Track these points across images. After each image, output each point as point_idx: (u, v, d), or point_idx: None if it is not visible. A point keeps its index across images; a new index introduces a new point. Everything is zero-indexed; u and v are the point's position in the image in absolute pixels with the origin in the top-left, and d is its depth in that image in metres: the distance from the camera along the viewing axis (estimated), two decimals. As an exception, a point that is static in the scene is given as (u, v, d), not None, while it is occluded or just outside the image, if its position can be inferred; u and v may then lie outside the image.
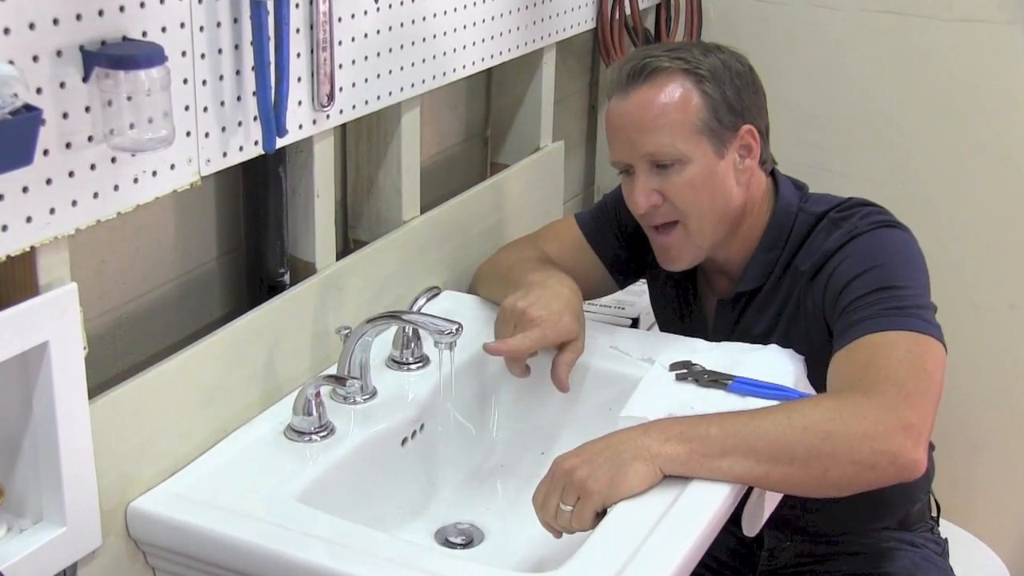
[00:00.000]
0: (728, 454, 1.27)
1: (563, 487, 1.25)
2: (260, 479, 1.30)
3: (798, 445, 1.27)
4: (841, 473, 1.27)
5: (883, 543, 1.65)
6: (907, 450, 1.27)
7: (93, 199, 1.12)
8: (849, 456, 1.26)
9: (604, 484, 1.24)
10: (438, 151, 1.89)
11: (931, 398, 1.34)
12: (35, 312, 1.09)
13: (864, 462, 1.26)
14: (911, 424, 1.28)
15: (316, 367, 1.51)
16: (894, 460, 1.27)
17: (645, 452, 1.26)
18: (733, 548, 1.70)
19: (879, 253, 1.48)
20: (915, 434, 1.28)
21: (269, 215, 1.47)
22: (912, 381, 1.34)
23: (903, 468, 1.27)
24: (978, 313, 2.25)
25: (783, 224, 1.55)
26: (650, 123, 1.48)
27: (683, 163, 1.48)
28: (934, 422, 1.33)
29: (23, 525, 1.17)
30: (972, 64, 2.13)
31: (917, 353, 1.38)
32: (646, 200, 1.51)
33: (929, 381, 1.35)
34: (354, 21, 1.45)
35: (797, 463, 1.26)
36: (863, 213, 1.52)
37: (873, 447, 1.26)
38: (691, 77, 1.48)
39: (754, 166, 1.54)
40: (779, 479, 1.28)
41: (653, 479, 1.26)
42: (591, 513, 1.24)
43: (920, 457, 1.28)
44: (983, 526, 2.07)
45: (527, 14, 1.82)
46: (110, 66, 1.07)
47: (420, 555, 1.21)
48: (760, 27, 2.25)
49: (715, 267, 1.62)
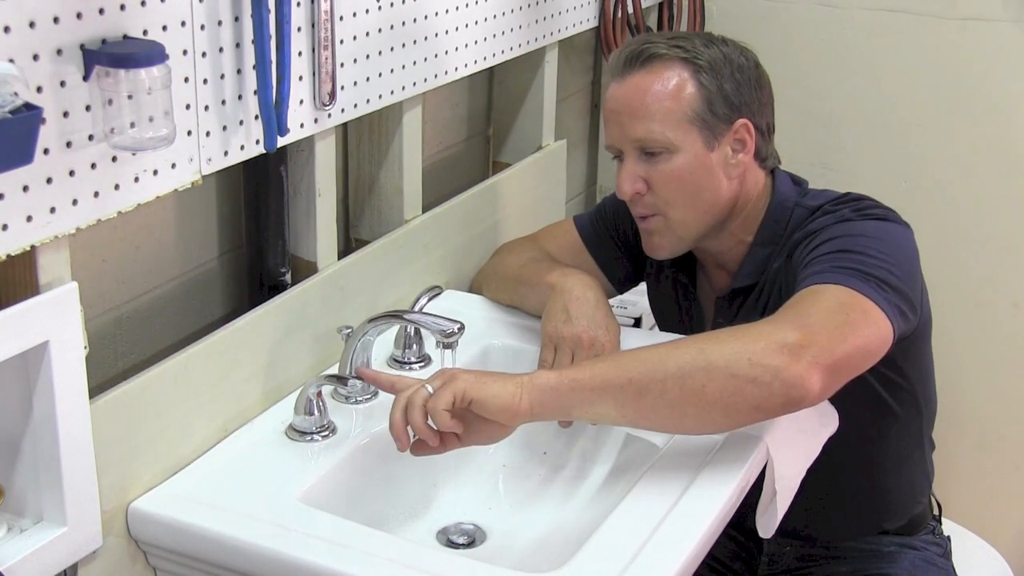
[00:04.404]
0: (600, 377, 1.25)
1: (436, 376, 1.25)
2: (261, 479, 1.30)
3: (672, 361, 1.24)
4: (720, 388, 1.23)
5: (884, 547, 1.65)
6: (789, 365, 1.23)
7: (94, 198, 1.12)
8: (726, 370, 1.23)
9: (472, 379, 1.23)
10: (440, 150, 1.89)
11: (833, 335, 1.28)
12: (35, 312, 1.08)
13: (743, 375, 1.22)
14: (792, 342, 1.24)
15: (317, 367, 1.50)
16: (776, 375, 1.22)
17: (521, 378, 1.25)
18: (734, 551, 1.70)
19: (860, 235, 1.43)
20: (797, 352, 1.23)
21: (270, 214, 1.46)
22: (817, 317, 1.30)
23: (788, 384, 1.23)
24: (982, 311, 2.25)
25: (779, 220, 1.54)
26: (641, 109, 1.48)
27: (671, 152, 1.48)
28: (839, 363, 1.27)
29: (23, 525, 1.17)
30: (976, 62, 2.13)
31: (847, 304, 1.33)
32: (631, 187, 1.51)
33: (841, 323, 1.30)
34: (355, 19, 1.44)
35: (673, 379, 1.23)
36: (858, 205, 1.50)
37: (752, 360, 1.23)
38: (689, 66, 1.48)
39: (748, 161, 1.52)
40: (656, 397, 1.24)
41: (514, 399, 1.23)
42: (448, 396, 1.21)
43: (807, 374, 1.23)
44: (986, 525, 2.07)
45: (529, 12, 1.82)
46: (111, 64, 1.06)
47: (422, 555, 1.21)
48: (762, 25, 2.25)
49: (712, 263, 1.61)
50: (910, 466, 1.64)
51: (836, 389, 1.30)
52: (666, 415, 1.26)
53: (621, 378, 1.25)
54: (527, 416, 1.24)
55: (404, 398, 1.24)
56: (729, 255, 1.58)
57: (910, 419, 1.60)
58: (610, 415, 1.26)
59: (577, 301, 1.51)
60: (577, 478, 1.53)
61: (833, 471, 1.55)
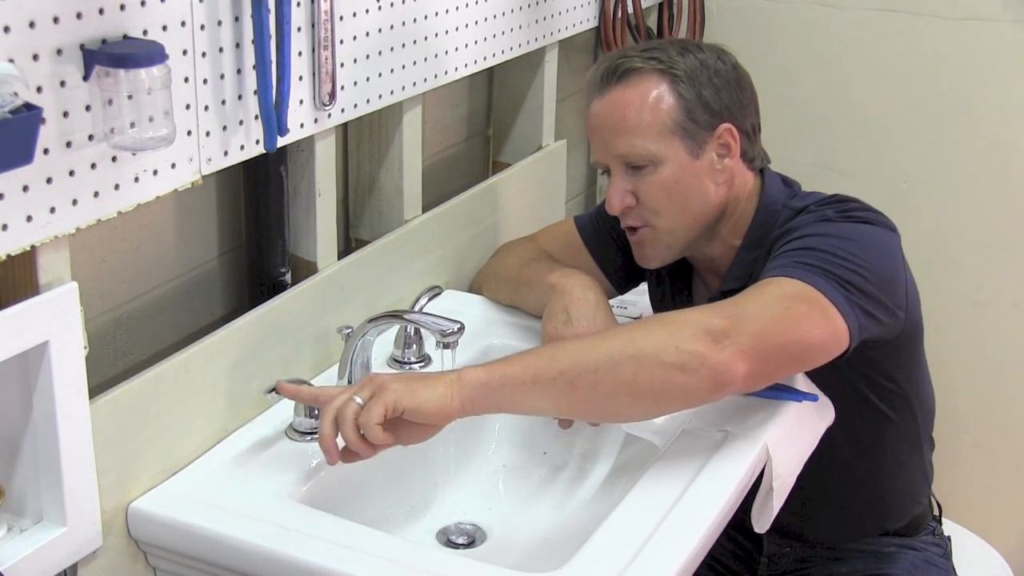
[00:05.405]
0: (531, 370, 1.24)
1: (363, 384, 1.23)
2: (261, 479, 1.30)
3: (602, 351, 1.24)
4: (651, 376, 1.23)
5: (884, 548, 1.65)
6: (713, 351, 1.23)
7: (94, 198, 1.12)
8: (656, 358, 1.23)
9: (402, 388, 1.21)
10: (440, 150, 1.89)
11: (763, 323, 1.29)
12: (35, 312, 1.08)
13: (672, 363, 1.23)
14: (716, 327, 1.25)
15: (317, 367, 1.50)
16: (704, 361, 1.23)
17: (450, 377, 1.24)
18: (733, 552, 1.70)
19: (834, 236, 1.42)
20: (720, 337, 1.25)
21: (270, 214, 1.46)
22: (750, 305, 1.31)
23: (713, 370, 1.23)
24: (981, 312, 2.25)
25: (767, 222, 1.53)
26: (622, 124, 1.48)
27: (656, 164, 1.48)
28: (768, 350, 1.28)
29: (23, 525, 1.17)
30: (976, 62, 2.13)
31: (791, 296, 1.33)
32: (620, 201, 1.51)
33: (777, 315, 1.30)
34: (355, 19, 1.44)
35: (604, 370, 1.23)
36: (843, 207, 1.49)
37: (680, 347, 1.23)
38: (666, 77, 1.48)
39: (735, 165, 1.52)
40: (588, 388, 1.24)
41: (446, 401, 1.22)
42: (380, 409, 1.19)
43: (731, 360, 1.24)
44: (985, 525, 2.07)
45: (529, 12, 1.82)
46: (111, 64, 1.06)
47: (422, 555, 1.21)
48: (762, 25, 2.25)
49: (705, 266, 1.61)
50: (909, 468, 1.64)
51: (769, 376, 1.31)
52: (599, 405, 1.27)
53: (552, 370, 1.24)
54: (459, 414, 1.24)
55: (333, 411, 1.22)
56: (720, 260, 1.57)
57: (906, 423, 1.59)
58: (543, 407, 1.27)
59: (578, 302, 1.52)
60: (577, 478, 1.53)
61: (832, 474, 1.55)
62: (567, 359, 1.25)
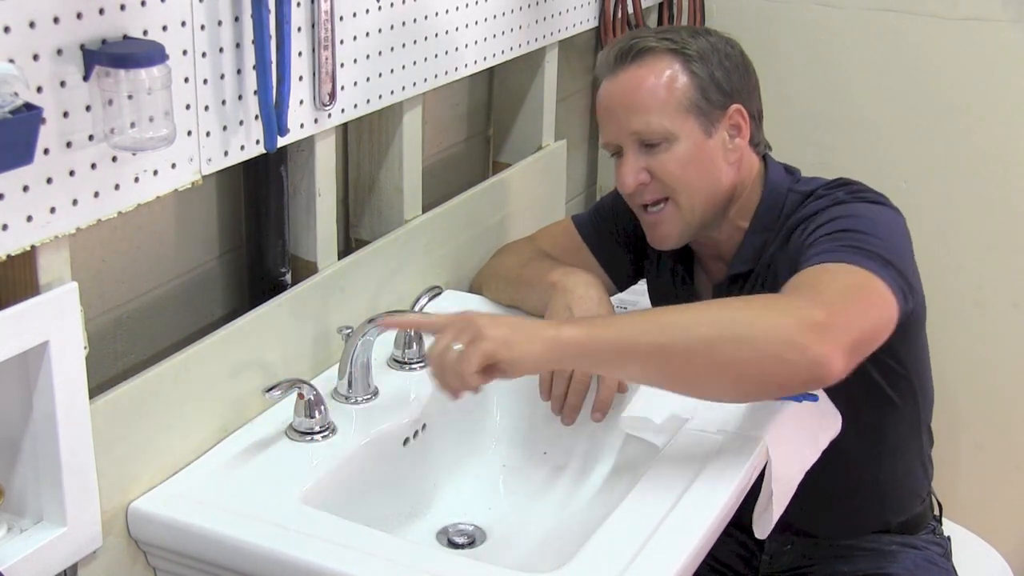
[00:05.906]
0: (628, 338, 1.23)
1: (462, 329, 1.22)
2: (261, 479, 1.30)
3: (703, 330, 1.23)
4: (748, 361, 1.22)
5: (885, 546, 1.65)
6: (815, 343, 1.22)
7: (94, 198, 1.12)
8: (756, 343, 1.22)
9: (500, 338, 1.21)
10: (440, 150, 1.89)
11: (852, 314, 1.29)
12: (35, 312, 1.08)
13: (772, 352, 1.22)
14: (819, 321, 1.24)
15: (317, 367, 1.50)
16: (804, 353, 1.22)
17: (548, 333, 1.23)
18: (734, 550, 1.70)
19: (857, 216, 1.44)
20: (823, 331, 1.23)
21: (270, 214, 1.46)
22: (836, 296, 1.31)
23: (814, 363, 1.22)
24: (981, 312, 2.25)
25: (773, 205, 1.55)
26: (637, 102, 1.49)
27: (670, 141, 1.49)
28: (858, 342, 1.28)
29: (23, 525, 1.17)
30: (976, 63, 2.13)
31: (857, 284, 1.34)
32: (634, 179, 1.51)
33: (857, 302, 1.31)
34: (356, 20, 1.44)
35: (701, 350, 1.22)
36: (851, 188, 1.52)
37: (783, 337, 1.22)
38: (679, 57, 1.50)
39: (744, 146, 1.54)
40: (682, 364, 1.23)
41: (543, 359, 1.22)
42: (479, 358, 1.19)
43: (830, 354, 1.23)
44: (986, 525, 2.06)
45: (529, 12, 1.82)
46: (111, 65, 1.06)
47: (422, 555, 1.21)
48: (763, 25, 2.25)
49: (708, 252, 1.62)
50: (909, 456, 1.64)
51: (852, 369, 1.30)
52: (690, 382, 1.27)
53: (648, 343, 1.23)
54: (552, 368, 1.27)
55: (437, 360, 1.23)
56: (726, 244, 1.58)
57: (907, 407, 1.60)
58: (634, 375, 1.27)
59: (580, 300, 1.52)
60: (577, 478, 1.53)
61: (832, 462, 1.55)
62: (665, 333, 1.23)
